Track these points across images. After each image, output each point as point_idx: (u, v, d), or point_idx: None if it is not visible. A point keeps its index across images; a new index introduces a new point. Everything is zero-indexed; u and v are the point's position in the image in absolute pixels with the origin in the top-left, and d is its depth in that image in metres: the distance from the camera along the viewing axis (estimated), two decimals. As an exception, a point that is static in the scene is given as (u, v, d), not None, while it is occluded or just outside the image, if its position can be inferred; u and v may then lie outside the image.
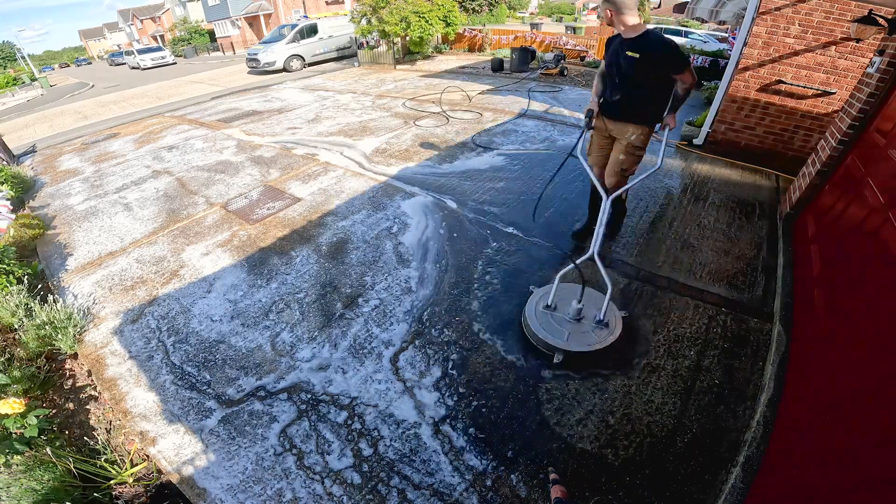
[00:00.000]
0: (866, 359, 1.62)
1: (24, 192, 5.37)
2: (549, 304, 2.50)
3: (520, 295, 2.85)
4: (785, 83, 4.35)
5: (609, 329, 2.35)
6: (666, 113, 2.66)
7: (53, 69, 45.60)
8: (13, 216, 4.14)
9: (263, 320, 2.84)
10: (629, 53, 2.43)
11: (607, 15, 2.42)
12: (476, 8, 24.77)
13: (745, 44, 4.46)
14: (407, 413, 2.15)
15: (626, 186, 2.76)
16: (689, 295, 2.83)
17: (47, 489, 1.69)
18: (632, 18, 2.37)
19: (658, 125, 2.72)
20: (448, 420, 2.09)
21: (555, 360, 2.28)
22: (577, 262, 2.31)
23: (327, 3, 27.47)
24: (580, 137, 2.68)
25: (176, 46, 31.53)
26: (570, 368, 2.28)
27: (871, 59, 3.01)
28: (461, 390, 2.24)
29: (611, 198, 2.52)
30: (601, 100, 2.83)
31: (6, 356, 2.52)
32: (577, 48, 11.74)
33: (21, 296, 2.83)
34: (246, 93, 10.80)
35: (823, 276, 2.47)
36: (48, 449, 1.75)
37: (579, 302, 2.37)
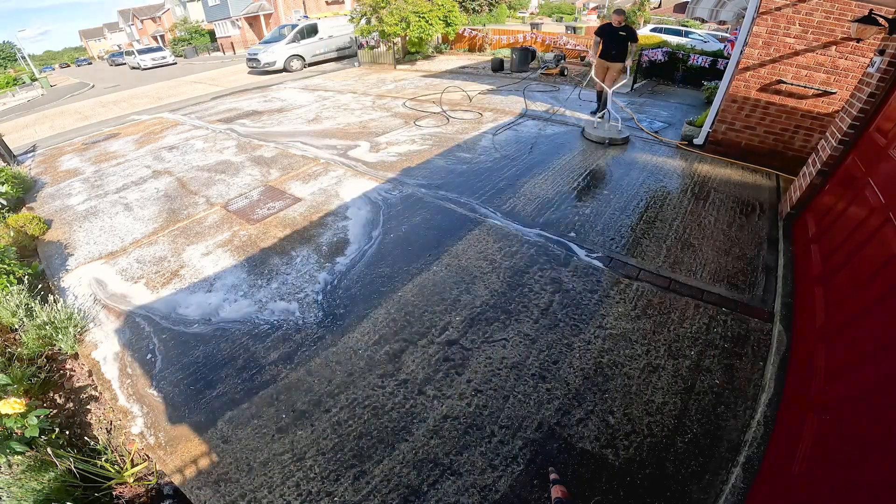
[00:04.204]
0: (867, 359, 1.62)
1: (24, 192, 5.37)
2: (595, 127, 5.78)
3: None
4: (785, 83, 4.35)
5: (623, 135, 5.53)
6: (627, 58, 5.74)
7: (54, 69, 45.55)
8: None
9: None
10: (620, 33, 5.61)
11: (618, 19, 5.54)
12: (476, 8, 24.72)
13: (745, 43, 4.46)
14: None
15: (616, 85, 5.81)
16: (689, 295, 2.83)
17: (48, 489, 1.69)
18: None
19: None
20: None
21: (606, 143, 5.48)
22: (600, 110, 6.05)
23: (327, 3, 27.45)
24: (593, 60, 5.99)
25: (176, 46, 31.47)
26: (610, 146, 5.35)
27: (872, 58, 3.01)
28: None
29: (611, 89, 5.67)
30: (601, 52, 5.88)
31: (7, 356, 2.52)
32: (578, 48, 11.71)
33: (21, 296, 2.83)
34: (246, 93, 10.80)
35: (824, 275, 2.47)
36: (49, 449, 1.75)
37: (608, 121, 5.80)
